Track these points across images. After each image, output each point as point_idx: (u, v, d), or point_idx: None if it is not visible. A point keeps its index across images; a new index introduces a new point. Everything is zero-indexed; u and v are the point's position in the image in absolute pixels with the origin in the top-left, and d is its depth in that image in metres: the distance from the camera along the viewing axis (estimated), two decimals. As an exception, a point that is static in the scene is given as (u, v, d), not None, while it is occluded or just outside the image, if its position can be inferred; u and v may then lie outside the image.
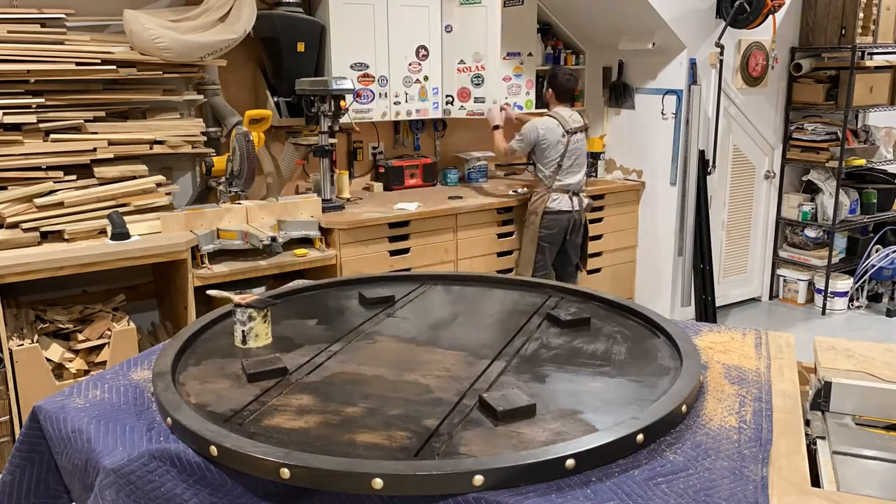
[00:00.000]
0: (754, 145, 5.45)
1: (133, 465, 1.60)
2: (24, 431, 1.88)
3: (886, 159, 5.64)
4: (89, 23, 3.77)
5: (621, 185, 5.22)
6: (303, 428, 1.68)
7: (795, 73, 5.41)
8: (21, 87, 3.44)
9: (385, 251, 4.18)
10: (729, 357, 2.14)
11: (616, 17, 4.97)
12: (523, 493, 1.45)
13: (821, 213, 5.52)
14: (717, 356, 2.15)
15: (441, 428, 1.67)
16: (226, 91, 4.20)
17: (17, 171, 3.43)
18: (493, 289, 2.78)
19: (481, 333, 2.30)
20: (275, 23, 4.06)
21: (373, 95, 4.49)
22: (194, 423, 1.64)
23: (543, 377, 1.96)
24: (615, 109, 5.39)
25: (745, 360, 2.13)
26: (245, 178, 3.82)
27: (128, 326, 3.43)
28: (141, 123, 3.78)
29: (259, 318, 2.18)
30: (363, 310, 2.52)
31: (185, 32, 3.68)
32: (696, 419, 1.76)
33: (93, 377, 2.02)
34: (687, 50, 4.86)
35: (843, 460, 1.66)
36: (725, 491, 1.46)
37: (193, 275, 3.52)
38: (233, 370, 2.01)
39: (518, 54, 4.98)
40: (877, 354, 2.10)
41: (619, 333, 2.28)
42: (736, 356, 2.15)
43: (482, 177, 5.21)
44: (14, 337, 3.19)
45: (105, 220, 3.48)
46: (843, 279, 5.57)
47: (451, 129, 5.20)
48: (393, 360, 2.08)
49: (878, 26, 5.18)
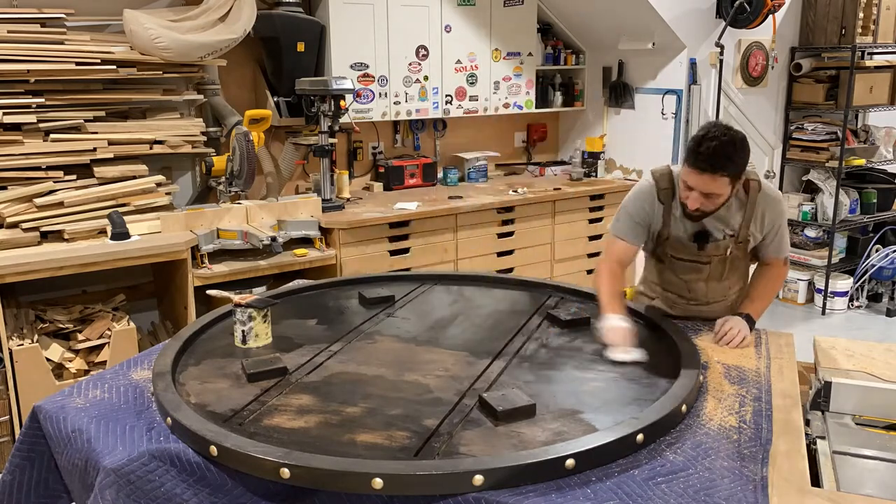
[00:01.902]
0: (754, 145, 5.44)
1: (133, 464, 1.60)
2: (24, 431, 1.88)
3: (886, 159, 5.63)
4: (89, 23, 3.77)
5: (621, 185, 5.21)
6: (303, 428, 1.68)
7: (795, 72, 5.41)
8: (21, 87, 3.44)
9: (385, 251, 4.18)
10: (729, 357, 2.14)
11: (616, 17, 4.97)
12: (523, 493, 1.45)
13: (821, 212, 5.52)
14: (717, 356, 2.15)
15: (441, 428, 1.67)
16: (226, 91, 4.20)
17: (17, 171, 3.43)
18: (493, 289, 2.78)
19: (481, 333, 2.30)
20: (275, 23, 4.06)
21: (373, 95, 4.49)
22: (194, 423, 1.64)
23: (543, 377, 1.96)
24: (615, 109, 5.39)
25: (745, 359, 2.13)
26: (245, 178, 3.82)
27: (128, 326, 3.43)
28: (141, 123, 3.78)
29: (259, 318, 2.18)
30: (363, 310, 2.52)
31: (185, 32, 3.68)
32: (696, 419, 1.76)
33: (93, 377, 2.02)
34: (687, 50, 4.86)
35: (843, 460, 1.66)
36: (725, 491, 1.46)
37: (193, 275, 3.52)
38: (233, 370, 2.01)
39: (518, 54, 4.99)
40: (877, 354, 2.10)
41: (619, 333, 2.27)
42: (736, 356, 2.15)
43: (482, 177, 5.21)
44: (14, 337, 3.19)
45: (105, 220, 3.48)
46: (843, 279, 5.56)
47: (451, 128, 5.20)
48: (393, 360, 2.08)
49: (878, 26, 5.18)
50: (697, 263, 2.36)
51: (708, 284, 2.41)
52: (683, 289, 2.45)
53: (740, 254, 2.36)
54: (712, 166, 2.08)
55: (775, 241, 2.36)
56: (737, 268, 2.42)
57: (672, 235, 2.34)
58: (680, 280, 2.44)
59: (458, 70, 4.76)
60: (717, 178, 2.09)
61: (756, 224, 2.30)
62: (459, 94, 4.80)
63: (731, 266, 2.38)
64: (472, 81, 4.83)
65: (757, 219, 2.29)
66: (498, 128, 5.42)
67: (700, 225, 2.30)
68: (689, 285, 2.43)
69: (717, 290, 2.43)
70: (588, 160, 5.37)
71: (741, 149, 2.11)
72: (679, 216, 2.31)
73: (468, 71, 4.80)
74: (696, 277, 2.40)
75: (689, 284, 2.43)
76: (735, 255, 2.35)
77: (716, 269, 2.37)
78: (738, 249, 2.34)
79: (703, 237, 2.29)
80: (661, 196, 2.31)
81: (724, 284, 2.43)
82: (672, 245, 2.36)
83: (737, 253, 2.35)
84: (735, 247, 2.32)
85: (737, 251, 2.34)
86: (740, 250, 2.35)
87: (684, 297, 2.48)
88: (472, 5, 4.72)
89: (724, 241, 2.31)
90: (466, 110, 4.86)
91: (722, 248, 2.32)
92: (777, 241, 2.36)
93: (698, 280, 2.41)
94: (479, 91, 4.87)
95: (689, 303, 2.47)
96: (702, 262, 2.35)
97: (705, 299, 2.45)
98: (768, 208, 2.29)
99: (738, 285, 2.48)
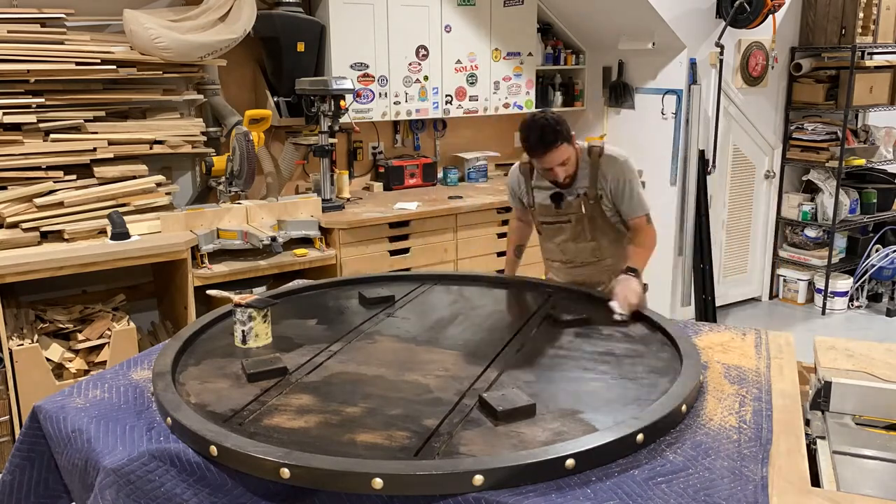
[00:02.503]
0: (754, 145, 5.45)
1: (133, 464, 1.60)
2: (24, 431, 1.88)
3: (886, 159, 5.63)
4: (89, 23, 3.77)
5: (621, 185, 5.22)
6: (303, 428, 1.68)
7: (795, 72, 5.41)
8: (21, 87, 3.44)
9: (385, 251, 4.18)
10: (729, 357, 2.14)
11: (616, 17, 4.97)
12: (523, 493, 1.45)
13: (821, 212, 5.52)
14: (717, 356, 2.15)
15: (441, 428, 1.67)
16: (226, 91, 4.20)
17: (17, 171, 3.43)
18: (493, 289, 2.78)
19: (481, 333, 2.30)
20: (275, 23, 4.06)
21: (373, 95, 4.49)
22: (194, 423, 1.64)
23: (543, 377, 1.96)
24: (615, 109, 5.39)
25: (745, 359, 2.13)
26: (245, 178, 3.82)
27: (128, 326, 3.43)
28: (141, 123, 3.78)
29: (259, 318, 2.18)
30: (363, 310, 2.52)
31: (185, 32, 3.68)
32: (696, 419, 1.76)
33: (93, 377, 2.02)
34: (687, 50, 4.86)
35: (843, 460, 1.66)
36: (725, 491, 1.46)
37: (193, 275, 3.52)
38: (233, 370, 2.01)
39: (518, 54, 4.99)
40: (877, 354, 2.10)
41: (619, 333, 2.28)
42: (736, 356, 2.15)
43: (482, 177, 5.21)
44: (14, 337, 3.19)
45: (105, 220, 3.48)
46: (843, 279, 5.56)
47: (451, 128, 5.20)
48: (393, 360, 2.08)
49: (878, 26, 5.17)
50: (559, 223, 2.77)
51: (577, 245, 2.79)
52: (557, 252, 2.85)
53: (597, 213, 2.72)
54: (546, 145, 2.51)
55: (627, 200, 2.69)
56: (598, 227, 2.75)
57: (536, 202, 2.80)
58: (553, 245, 2.84)
59: (458, 70, 4.77)
60: (557, 149, 2.52)
61: (603, 182, 2.68)
62: (459, 94, 4.80)
63: (592, 225, 2.74)
64: (472, 81, 4.83)
65: (602, 177, 2.68)
66: (498, 128, 5.42)
67: (554, 188, 2.72)
68: (560, 247, 2.82)
69: (585, 249, 2.79)
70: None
71: (557, 120, 2.53)
72: (539, 185, 2.77)
73: (468, 71, 4.81)
74: (564, 238, 2.79)
75: (561, 246, 2.82)
76: (592, 214, 2.71)
77: (577, 227, 2.75)
78: (592, 208, 2.71)
79: (558, 197, 2.73)
80: (522, 170, 2.83)
81: (591, 245, 2.78)
82: (539, 211, 2.80)
83: (593, 212, 2.71)
84: (587, 204, 2.70)
85: (592, 210, 2.71)
86: (595, 209, 2.71)
87: (561, 261, 2.87)
88: (472, 5, 4.72)
89: (576, 199, 2.71)
90: (466, 110, 4.86)
91: (575, 206, 2.72)
92: (630, 199, 2.69)
93: (566, 241, 2.79)
94: (479, 91, 4.87)
95: (566, 265, 2.85)
96: (562, 221, 2.76)
97: (579, 260, 2.82)
98: (609, 167, 2.68)
99: (610, 249, 2.79)
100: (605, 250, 2.79)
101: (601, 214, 2.72)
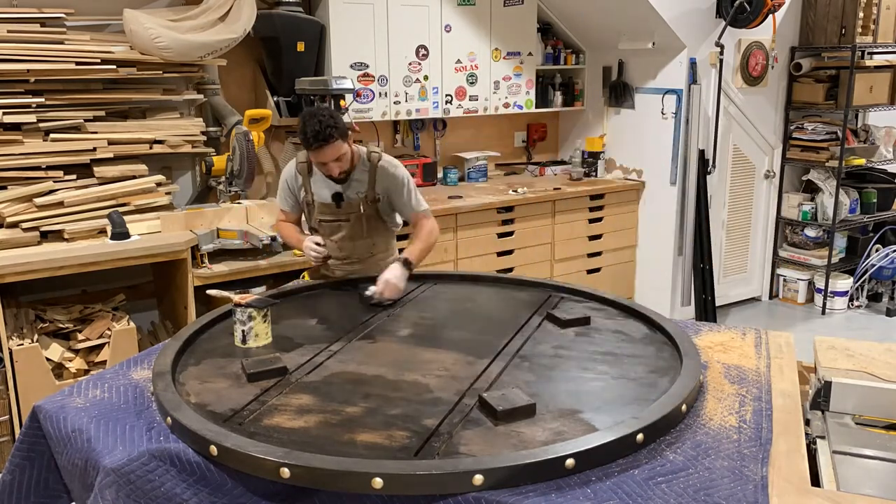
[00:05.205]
0: (754, 145, 5.45)
1: (133, 464, 1.60)
2: (24, 431, 1.88)
3: (886, 159, 5.63)
4: (89, 22, 3.77)
5: (621, 185, 5.22)
6: (303, 427, 1.68)
7: (795, 72, 5.41)
8: (21, 87, 3.44)
9: (385, 251, 4.18)
10: (729, 357, 2.14)
11: (616, 17, 4.97)
12: (523, 493, 1.45)
13: (821, 212, 5.52)
14: (717, 356, 2.15)
15: (441, 427, 1.67)
16: (226, 91, 4.19)
17: (17, 171, 3.43)
18: (493, 288, 2.78)
19: (481, 333, 2.30)
20: (275, 22, 4.06)
21: (373, 95, 4.49)
22: (194, 423, 1.64)
23: (543, 377, 1.96)
24: (615, 109, 5.39)
25: (745, 359, 2.13)
26: (245, 178, 3.82)
27: (128, 326, 3.43)
28: (141, 123, 3.78)
29: (259, 318, 2.18)
30: (363, 310, 2.52)
31: (185, 32, 3.68)
32: (696, 419, 1.76)
33: (93, 377, 2.02)
34: (687, 49, 4.86)
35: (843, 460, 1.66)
36: (725, 490, 1.46)
37: (193, 274, 3.52)
38: (233, 370, 2.01)
39: (518, 54, 4.99)
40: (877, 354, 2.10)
41: (619, 333, 2.28)
42: (736, 356, 2.15)
43: (482, 176, 5.21)
44: (14, 337, 3.19)
45: (105, 220, 3.48)
46: (843, 279, 5.56)
47: (451, 128, 5.20)
48: (393, 360, 2.08)
49: (878, 26, 5.17)
50: (339, 222, 2.87)
51: (355, 243, 2.90)
52: (335, 249, 2.91)
53: (374, 213, 2.87)
54: (324, 139, 2.60)
55: (406, 200, 2.87)
56: (375, 227, 2.91)
57: (315, 201, 2.87)
58: (332, 242, 2.90)
59: (458, 70, 4.76)
60: (332, 145, 2.62)
61: (379, 187, 2.84)
62: (459, 94, 4.80)
63: (369, 225, 2.88)
64: (472, 81, 4.83)
65: (378, 182, 2.83)
66: (498, 128, 5.42)
67: (336, 188, 2.83)
68: (339, 244, 2.90)
69: (362, 247, 2.92)
70: (588, 160, 5.37)
71: (332, 115, 2.63)
72: (320, 182, 2.85)
73: (468, 71, 4.80)
74: (342, 236, 2.89)
75: (339, 244, 2.90)
76: (369, 213, 2.86)
77: (356, 225, 2.86)
78: (370, 208, 2.85)
79: (339, 197, 2.83)
80: (300, 169, 2.88)
81: (367, 242, 2.92)
82: (319, 210, 2.87)
83: (370, 212, 2.86)
84: (366, 205, 2.84)
85: (369, 210, 2.85)
86: (372, 210, 2.86)
87: (338, 258, 2.94)
88: (472, 5, 4.72)
89: (356, 199, 2.83)
90: (466, 110, 4.86)
91: (355, 206, 2.84)
92: (408, 199, 2.88)
93: (344, 238, 2.89)
94: (479, 91, 4.87)
95: (343, 262, 2.95)
96: (342, 219, 2.86)
97: (355, 256, 2.93)
98: (386, 172, 2.84)
99: (383, 247, 2.98)
100: (378, 246, 2.97)
101: (377, 214, 2.89)
